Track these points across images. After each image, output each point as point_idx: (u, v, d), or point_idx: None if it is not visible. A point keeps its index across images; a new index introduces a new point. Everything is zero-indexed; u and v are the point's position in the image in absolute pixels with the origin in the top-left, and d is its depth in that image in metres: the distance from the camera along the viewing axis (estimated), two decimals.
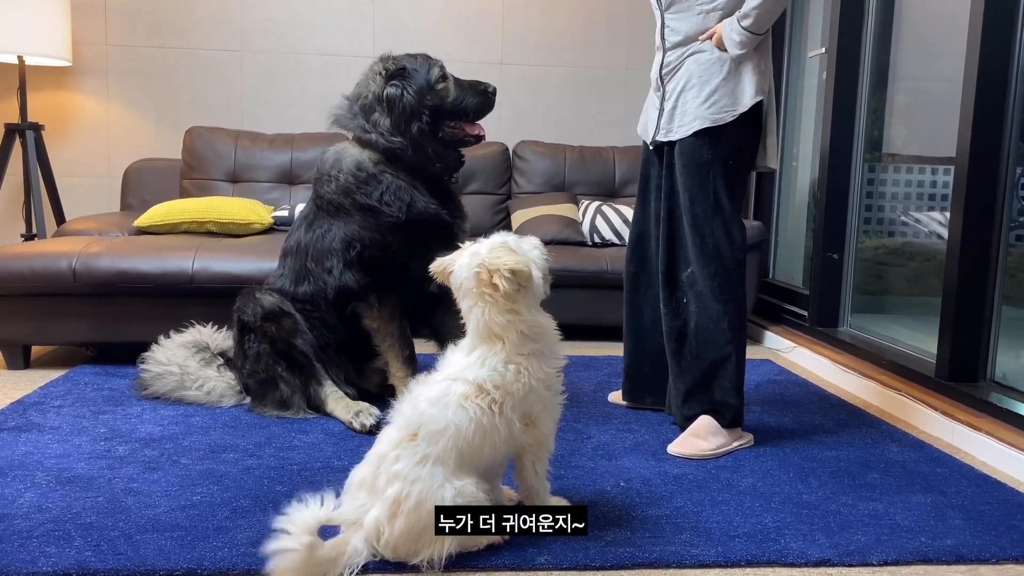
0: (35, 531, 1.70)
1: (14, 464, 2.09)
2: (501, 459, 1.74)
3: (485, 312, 1.68)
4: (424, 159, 2.53)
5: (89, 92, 4.36)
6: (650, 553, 1.69)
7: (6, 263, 3.00)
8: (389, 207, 2.47)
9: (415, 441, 1.61)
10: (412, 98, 2.48)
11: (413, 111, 2.48)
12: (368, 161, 2.51)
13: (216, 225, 3.64)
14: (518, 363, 1.68)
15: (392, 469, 1.59)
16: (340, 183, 2.51)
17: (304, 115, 4.46)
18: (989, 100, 2.59)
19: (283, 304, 2.56)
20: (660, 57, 2.46)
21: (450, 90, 2.56)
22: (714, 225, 2.33)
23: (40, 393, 2.73)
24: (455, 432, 1.60)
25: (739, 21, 2.26)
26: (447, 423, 1.61)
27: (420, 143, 2.50)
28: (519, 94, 4.64)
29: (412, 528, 1.57)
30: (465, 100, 2.58)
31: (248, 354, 2.56)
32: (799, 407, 2.83)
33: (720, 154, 2.33)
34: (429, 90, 2.52)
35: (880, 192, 3.55)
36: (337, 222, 2.52)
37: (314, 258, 2.55)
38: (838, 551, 1.72)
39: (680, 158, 2.38)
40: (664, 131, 2.43)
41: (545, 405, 1.74)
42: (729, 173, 2.36)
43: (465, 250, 1.73)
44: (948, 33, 3.00)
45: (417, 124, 2.49)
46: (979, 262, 2.64)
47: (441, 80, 2.55)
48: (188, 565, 1.58)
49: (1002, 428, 2.38)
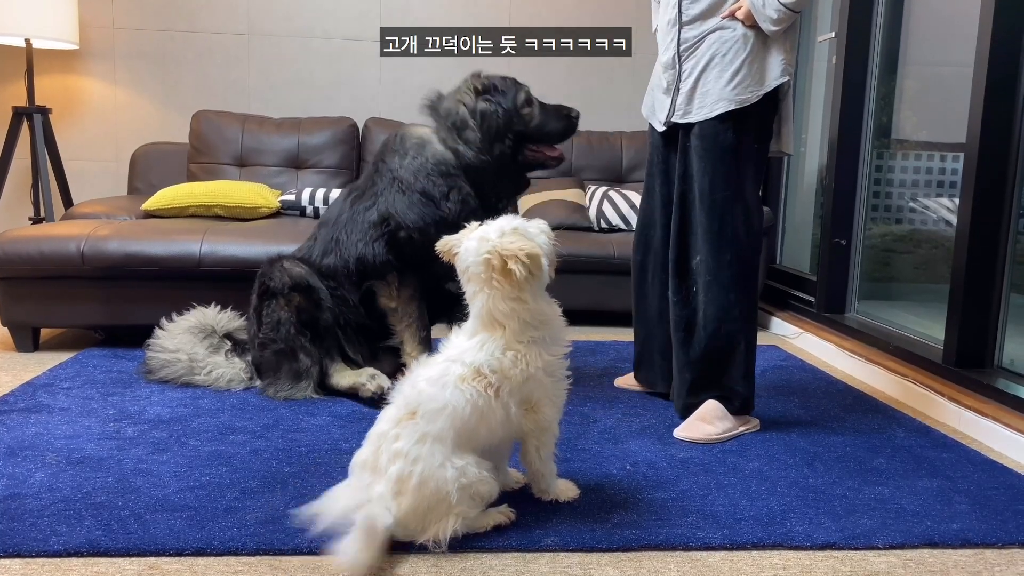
0: (46, 510, 1.72)
1: (24, 445, 2.10)
2: (500, 441, 1.74)
3: (490, 299, 1.68)
4: (499, 180, 2.56)
5: (96, 75, 4.36)
6: (656, 536, 1.69)
7: (15, 246, 3.01)
8: (451, 206, 2.49)
9: (414, 419, 1.62)
10: (501, 119, 2.51)
11: (499, 132, 2.50)
12: (452, 161, 2.53)
13: (223, 209, 3.65)
14: (516, 350, 1.68)
15: (393, 447, 1.60)
16: (418, 163, 2.52)
17: (311, 99, 4.46)
18: (1000, 86, 2.57)
19: (311, 277, 2.58)
20: (676, 33, 2.33)
21: (535, 115, 2.57)
22: (735, 212, 2.27)
23: (49, 375, 2.75)
24: (452, 412, 1.61)
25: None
26: (444, 403, 1.61)
27: (502, 164, 2.53)
28: (526, 78, 4.59)
29: (418, 506, 1.58)
30: (548, 125, 2.58)
31: (266, 321, 2.56)
32: (805, 392, 2.83)
33: (744, 137, 2.26)
34: (516, 113, 2.53)
35: (888, 179, 3.54)
36: (388, 195, 2.53)
37: (347, 230, 2.58)
38: (844, 535, 1.73)
39: (701, 141, 2.28)
40: (681, 112, 2.33)
41: (547, 391, 1.74)
42: (753, 157, 2.29)
43: (471, 232, 1.73)
44: (958, 18, 2.98)
45: (500, 147, 2.51)
46: (988, 249, 2.63)
47: (527, 105, 2.56)
48: (197, 544, 1.59)
49: (1009, 414, 2.38)
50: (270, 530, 1.66)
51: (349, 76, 4.49)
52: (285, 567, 1.54)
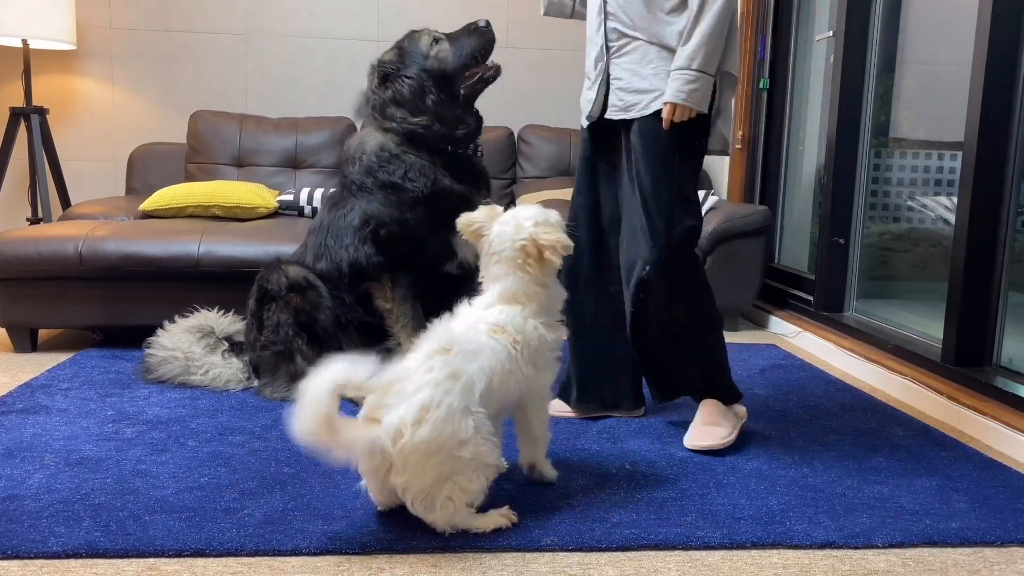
0: (44, 512, 1.72)
1: (23, 446, 2.10)
2: (504, 409, 1.78)
3: (519, 281, 1.77)
4: (449, 127, 2.57)
5: (94, 76, 4.36)
6: (656, 535, 1.69)
7: (13, 247, 3.01)
8: (413, 183, 2.53)
9: (449, 355, 1.63)
10: (413, 81, 2.53)
11: (420, 89, 2.54)
12: (391, 143, 2.57)
13: (221, 209, 3.64)
14: (534, 323, 1.77)
15: (425, 377, 1.60)
16: (363, 164, 2.58)
17: (308, 99, 4.46)
18: (998, 84, 2.57)
19: (309, 276, 2.59)
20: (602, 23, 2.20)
21: (446, 50, 2.59)
22: (679, 211, 2.14)
23: (47, 376, 2.74)
24: (489, 355, 1.68)
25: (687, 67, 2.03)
26: (481, 346, 1.68)
27: (441, 113, 2.56)
28: (524, 78, 4.62)
29: (432, 443, 1.56)
30: (464, 50, 2.60)
31: (266, 324, 2.57)
32: (804, 391, 2.83)
33: (685, 134, 2.12)
34: (426, 59, 2.56)
35: (887, 177, 3.54)
36: (359, 201, 2.57)
37: (333, 235, 2.61)
38: (843, 533, 1.73)
39: (640, 138, 2.15)
40: (618, 108, 2.21)
41: (547, 362, 1.83)
42: (694, 155, 2.18)
43: (497, 215, 1.82)
44: (957, 16, 2.98)
45: (431, 96, 2.54)
46: (986, 247, 2.63)
47: (434, 44, 2.59)
48: (196, 545, 1.59)
49: (1008, 412, 2.38)
50: (269, 531, 1.66)
51: (347, 76, 4.48)
52: (284, 568, 1.54)
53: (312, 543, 1.61)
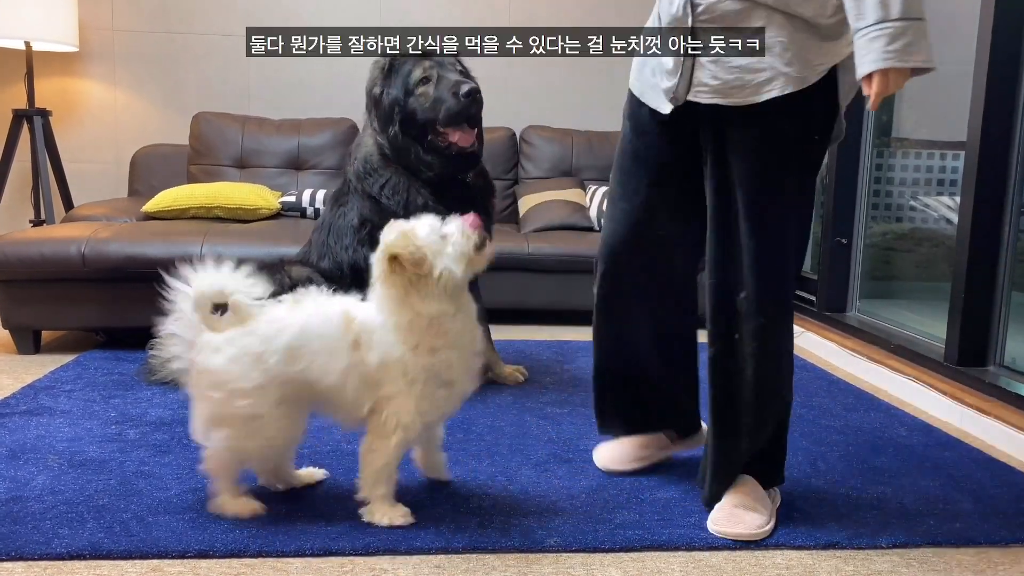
0: (48, 513, 1.72)
1: (26, 447, 2.10)
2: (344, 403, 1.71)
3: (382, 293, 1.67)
4: (407, 164, 2.47)
5: (96, 78, 4.36)
6: (659, 535, 1.69)
7: (16, 248, 3.01)
8: (388, 199, 2.48)
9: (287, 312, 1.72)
10: (387, 104, 2.43)
11: (388, 116, 2.44)
12: (375, 155, 2.53)
13: (224, 211, 3.65)
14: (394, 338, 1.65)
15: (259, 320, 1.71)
16: (355, 168, 2.57)
17: (310, 100, 4.46)
18: (1001, 84, 2.57)
19: (313, 276, 2.58)
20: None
21: (428, 95, 2.41)
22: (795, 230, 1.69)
23: (50, 377, 2.75)
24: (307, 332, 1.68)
25: (883, 18, 1.44)
26: (304, 322, 1.69)
27: (399, 148, 2.45)
28: (526, 79, 4.62)
29: (215, 374, 1.66)
30: (438, 107, 2.39)
31: None
32: (807, 392, 2.82)
33: (806, 126, 1.67)
34: (406, 95, 2.41)
35: (889, 177, 3.54)
36: (357, 202, 2.57)
37: (335, 234, 2.60)
38: (847, 534, 1.73)
39: (746, 131, 1.66)
40: (709, 91, 1.67)
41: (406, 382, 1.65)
42: (816, 153, 1.72)
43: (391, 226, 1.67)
44: (960, 16, 2.98)
45: (393, 128, 2.44)
46: (989, 247, 2.63)
47: (422, 83, 2.41)
48: (200, 547, 1.59)
49: (1011, 412, 2.37)
50: (272, 532, 1.66)
51: (349, 77, 4.48)
52: (287, 569, 1.54)
53: (315, 544, 1.61)
